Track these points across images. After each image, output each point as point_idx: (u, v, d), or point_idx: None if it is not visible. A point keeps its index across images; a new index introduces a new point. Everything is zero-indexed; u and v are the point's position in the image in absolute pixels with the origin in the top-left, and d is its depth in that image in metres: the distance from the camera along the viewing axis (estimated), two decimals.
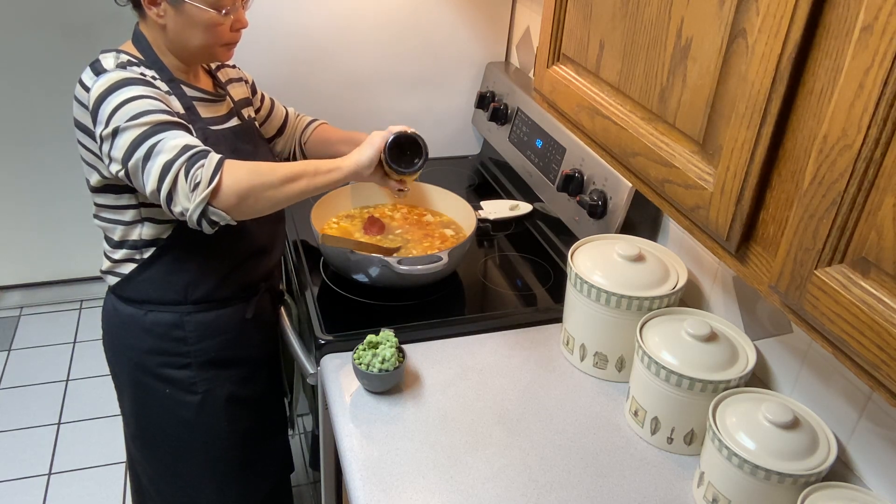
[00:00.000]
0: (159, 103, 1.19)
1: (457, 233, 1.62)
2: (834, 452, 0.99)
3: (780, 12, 0.67)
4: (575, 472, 1.13)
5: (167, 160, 1.14)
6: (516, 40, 2.04)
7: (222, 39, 1.28)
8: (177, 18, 1.23)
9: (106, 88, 1.18)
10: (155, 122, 1.16)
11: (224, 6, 1.23)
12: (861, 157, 0.60)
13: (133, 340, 1.39)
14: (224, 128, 1.35)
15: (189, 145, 1.16)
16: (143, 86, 1.20)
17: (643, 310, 1.24)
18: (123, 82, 1.18)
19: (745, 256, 0.79)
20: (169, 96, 1.26)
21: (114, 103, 1.16)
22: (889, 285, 0.61)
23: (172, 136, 1.16)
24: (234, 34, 1.30)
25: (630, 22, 0.94)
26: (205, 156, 1.16)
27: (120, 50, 1.27)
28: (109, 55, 1.25)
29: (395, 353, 1.25)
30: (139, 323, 1.37)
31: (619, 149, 0.98)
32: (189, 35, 1.25)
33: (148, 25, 1.28)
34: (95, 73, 1.21)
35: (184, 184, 1.14)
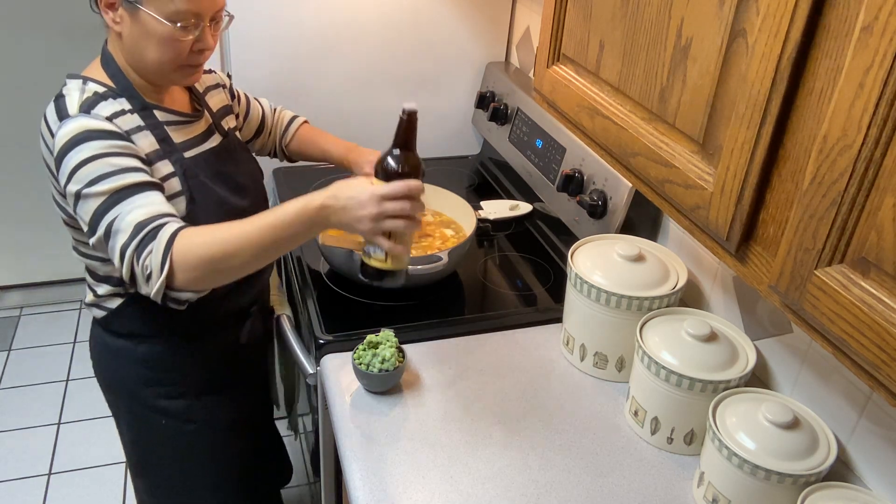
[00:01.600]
0: (122, 160, 1.09)
1: (457, 233, 1.62)
2: (834, 452, 0.99)
3: (780, 12, 0.67)
4: (575, 472, 1.13)
5: (122, 243, 1.07)
6: (516, 40, 2.05)
7: (180, 59, 1.15)
8: (132, 27, 1.12)
9: (67, 142, 1.09)
10: (113, 189, 1.07)
11: (181, 20, 1.10)
12: (861, 157, 0.60)
13: (125, 372, 1.34)
14: (203, 151, 1.26)
15: (141, 223, 1.07)
16: (105, 140, 1.09)
17: (643, 310, 1.24)
18: (84, 136, 1.08)
19: (745, 256, 0.79)
20: (140, 132, 1.16)
21: (74, 161, 1.08)
22: (889, 285, 0.61)
23: (129, 210, 1.07)
24: (194, 55, 1.16)
25: (630, 22, 0.94)
26: (154, 236, 1.06)
27: (87, 77, 1.17)
28: (75, 87, 1.15)
29: (395, 353, 1.25)
30: (131, 355, 1.32)
31: (619, 149, 0.98)
32: (144, 48, 1.13)
33: (113, 41, 1.18)
34: (59, 114, 1.12)
35: (139, 273, 1.07)
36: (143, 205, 1.09)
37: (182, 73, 1.19)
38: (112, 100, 1.15)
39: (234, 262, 1.08)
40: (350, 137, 2.03)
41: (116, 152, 1.10)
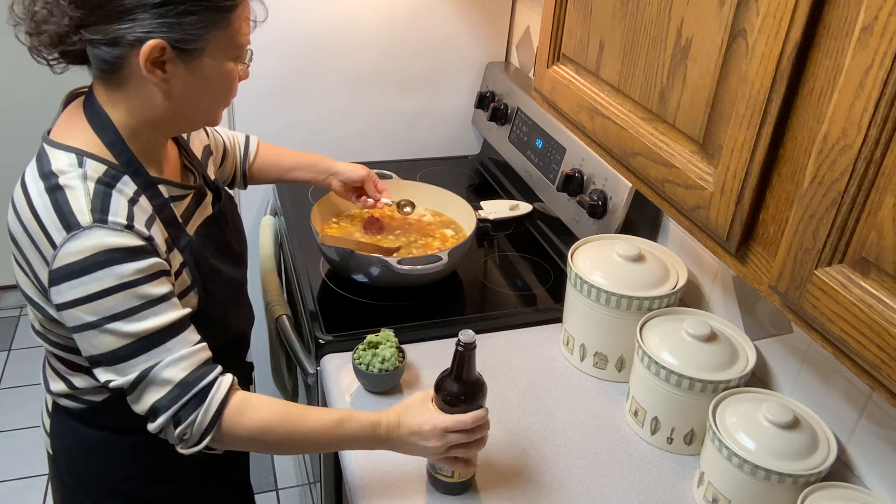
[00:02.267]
0: (152, 288, 0.92)
1: (457, 233, 1.62)
2: (834, 452, 0.99)
3: (780, 12, 0.67)
4: (575, 472, 1.13)
5: (157, 400, 0.93)
6: (516, 40, 2.05)
7: (232, 95, 1.02)
8: (188, 79, 0.94)
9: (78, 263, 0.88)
10: (145, 332, 0.91)
11: (244, 55, 0.99)
12: (861, 157, 0.60)
13: (103, 466, 1.13)
14: (203, 220, 1.11)
15: (185, 382, 0.93)
16: (130, 262, 0.90)
17: (643, 310, 1.24)
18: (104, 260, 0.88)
19: (745, 256, 0.79)
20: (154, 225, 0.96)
21: (89, 289, 0.89)
22: (889, 285, 0.61)
23: (167, 362, 0.93)
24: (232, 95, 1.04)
25: (630, 22, 0.94)
26: (201, 401, 0.94)
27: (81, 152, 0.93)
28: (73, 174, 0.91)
29: (395, 353, 1.25)
30: (113, 447, 1.11)
31: (619, 149, 0.98)
32: (199, 98, 0.97)
33: (120, 98, 0.95)
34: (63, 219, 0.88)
35: (173, 435, 0.95)
36: (184, 355, 0.94)
37: (219, 116, 1.06)
38: (118, 185, 0.94)
39: (281, 448, 1.02)
40: (350, 137, 2.04)
41: (145, 278, 0.91)
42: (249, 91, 1.88)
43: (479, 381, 1.03)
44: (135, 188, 0.96)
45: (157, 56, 0.90)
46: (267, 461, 2.35)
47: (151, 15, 0.88)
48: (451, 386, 1.01)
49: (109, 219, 0.90)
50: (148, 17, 0.88)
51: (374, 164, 1.96)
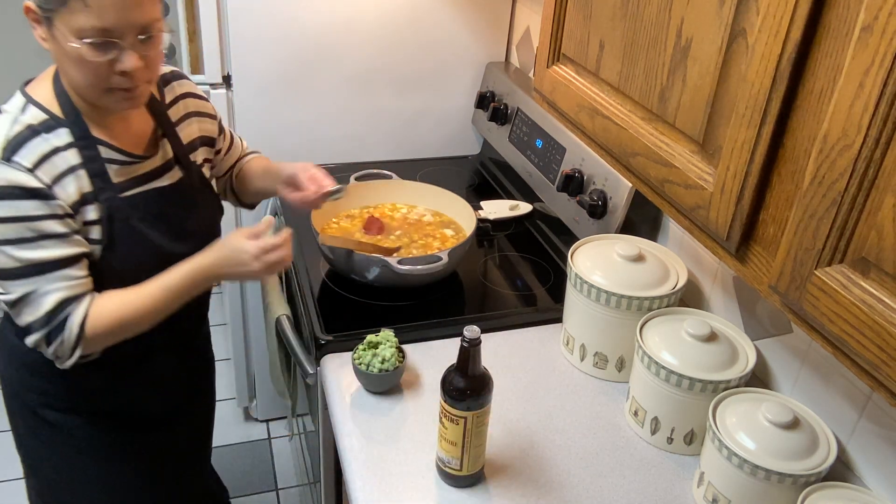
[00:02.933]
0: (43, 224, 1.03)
1: (457, 233, 1.62)
2: (834, 452, 0.99)
3: (780, 12, 0.67)
4: (575, 472, 1.13)
5: (31, 321, 1.07)
6: (516, 40, 2.05)
7: (102, 83, 1.04)
8: (53, 45, 1.03)
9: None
10: (30, 262, 1.04)
11: (88, 37, 0.99)
12: (861, 157, 0.60)
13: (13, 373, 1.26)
14: (147, 190, 1.17)
15: (53, 311, 1.06)
16: (23, 200, 1.02)
17: (643, 310, 1.24)
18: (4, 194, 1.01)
19: (745, 256, 0.79)
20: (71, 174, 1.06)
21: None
22: (889, 285, 0.61)
23: (44, 290, 1.06)
24: (119, 78, 1.04)
25: (630, 22, 0.94)
26: (62, 327, 1.07)
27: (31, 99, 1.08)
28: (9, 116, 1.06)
29: (395, 353, 1.25)
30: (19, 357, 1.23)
31: (619, 149, 0.98)
32: (66, 69, 1.05)
33: None
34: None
35: (48, 353, 1.10)
36: (59, 288, 1.07)
37: (113, 98, 1.07)
38: (46, 134, 1.06)
39: (139, 327, 1.14)
40: (350, 137, 2.04)
41: (41, 216, 1.04)
42: (249, 91, 1.88)
43: (484, 375, 1.04)
44: (68, 140, 1.07)
45: (31, 14, 1.02)
46: (267, 462, 2.35)
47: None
48: (457, 381, 1.02)
49: (15, 158, 1.02)
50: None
51: (374, 164, 1.96)
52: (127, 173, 1.15)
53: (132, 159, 1.15)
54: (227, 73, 1.87)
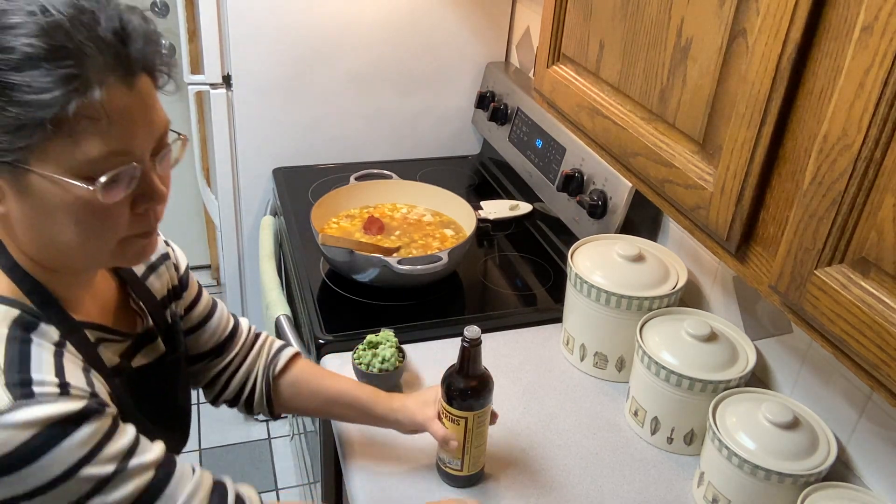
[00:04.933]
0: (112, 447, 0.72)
1: (457, 233, 1.62)
2: (834, 452, 0.99)
3: (780, 12, 0.67)
4: (575, 472, 1.13)
5: None
6: (516, 40, 2.05)
7: (120, 231, 0.73)
8: (22, 203, 0.69)
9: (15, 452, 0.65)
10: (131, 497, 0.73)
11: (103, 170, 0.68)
12: (861, 157, 0.60)
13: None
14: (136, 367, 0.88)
15: None
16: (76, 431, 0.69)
17: (643, 310, 1.24)
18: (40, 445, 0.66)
19: (745, 256, 0.79)
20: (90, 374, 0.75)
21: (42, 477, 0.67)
22: (889, 285, 0.61)
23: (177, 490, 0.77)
24: (141, 220, 0.75)
25: (630, 22, 0.94)
26: None
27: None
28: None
29: (395, 353, 1.25)
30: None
31: (619, 149, 0.98)
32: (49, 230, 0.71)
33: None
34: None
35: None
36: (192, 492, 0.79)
37: (130, 252, 0.77)
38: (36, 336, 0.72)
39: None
40: (350, 137, 2.04)
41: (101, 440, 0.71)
42: (249, 91, 1.88)
43: (485, 375, 1.04)
44: (57, 337, 0.74)
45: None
46: (267, 462, 2.35)
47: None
48: (458, 382, 1.02)
49: (35, 389, 0.67)
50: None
51: (374, 164, 1.96)
52: (113, 354, 0.85)
53: (118, 337, 0.86)
54: (227, 73, 1.87)
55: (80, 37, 0.65)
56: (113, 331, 0.86)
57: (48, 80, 0.63)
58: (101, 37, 0.66)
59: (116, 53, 0.67)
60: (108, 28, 0.67)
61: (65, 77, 0.64)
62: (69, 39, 0.64)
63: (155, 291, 0.95)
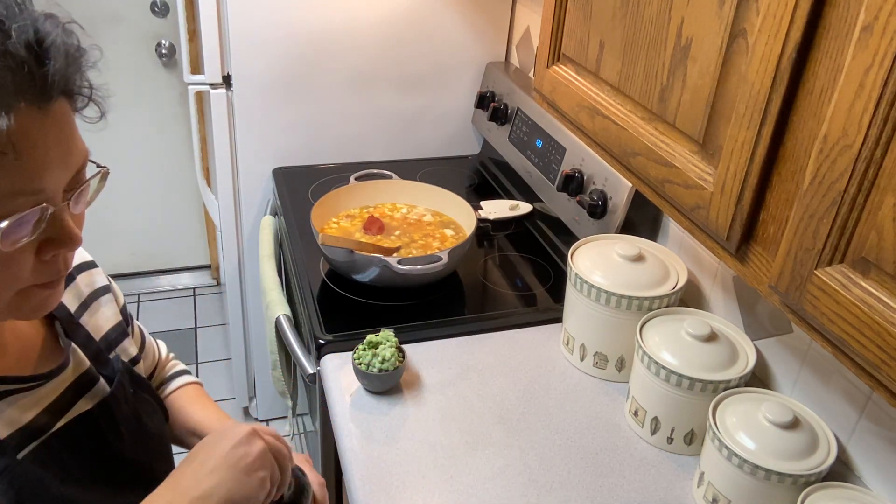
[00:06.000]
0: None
1: (457, 233, 1.62)
2: (834, 452, 0.99)
3: (780, 12, 0.67)
4: (575, 472, 1.13)
5: None
6: (516, 40, 2.05)
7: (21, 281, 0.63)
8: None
9: None
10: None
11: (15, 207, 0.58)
12: (861, 157, 0.60)
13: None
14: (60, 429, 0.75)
15: None
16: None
17: (643, 310, 1.24)
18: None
19: (745, 256, 0.79)
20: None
21: None
22: (889, 285, 0.61)
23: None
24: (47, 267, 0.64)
25: (630, 22, 0.94)
26: None
27: None
28: None
29: (395, 353, 1.25)
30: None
31: (619, 149, 0.98)
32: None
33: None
34: None
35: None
36: None
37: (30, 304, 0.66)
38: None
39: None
40: (350, 137, 2.04)
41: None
42: (249, 91, 1.88)
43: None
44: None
45: None
46: None
47: None
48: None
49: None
50: None
51: (374, 164, 1.96)
52: (24, 408, 0.72)
53: (28, 384, 0.73)
54: (227, 73, 1.87)
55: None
56: (29, 378, 0.73)
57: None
58: (11, 52, 0.54)
59: (30, 73, 0.55)
60: (21, 41, 0.55)
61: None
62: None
63: (93, 330, 0.83)
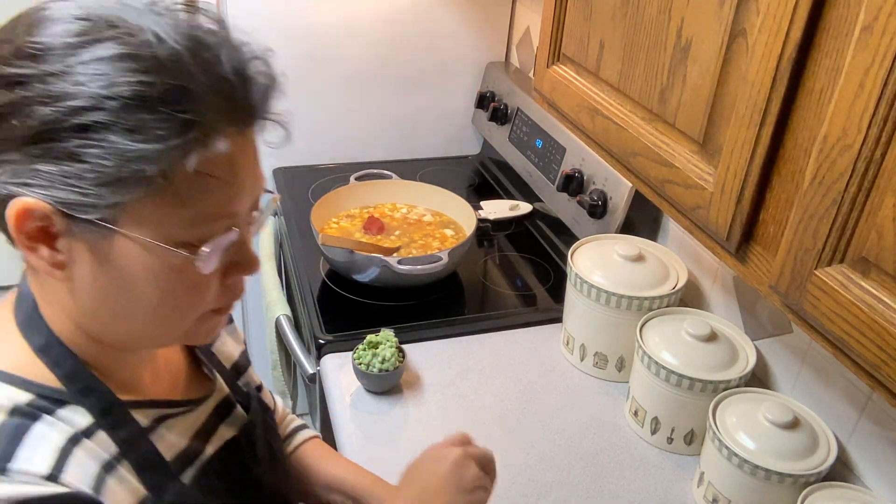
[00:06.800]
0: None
1: (457, 233, 1.62)
2: (834, 452, 0.99)
3: (780, 12, 0.67)
4: (575, 472, 1.13)
5: None
6: (516, 40, 2.04)
7: (206, 304, 0.64)
8: (98, 267, 0.58)
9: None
10: None
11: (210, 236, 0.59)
12: (861, 157, 0.60)
13: None
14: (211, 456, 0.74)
15: None
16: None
17: (643, 310, 1.24)
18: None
19: (745, 256, 0.79)
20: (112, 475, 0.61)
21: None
22: (889, 285, 0.61)
23: None
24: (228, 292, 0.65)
25: (630, 22, 0.94)
26: None
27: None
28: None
29: (395, 353, 1.25)
30: None
31: (619, 149, 0.98)
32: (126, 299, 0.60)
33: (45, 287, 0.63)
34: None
35: None
36: None
37: (205, 328, 0.67)
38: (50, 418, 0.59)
39: None
40: (350, 137, 2.04)
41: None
42: None
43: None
44: (87, 422, 0.61)
45: (41, 224, 0.55)
46: None
47: (23, 155, 0.53)
48: None
49: (13, 466, 0.54)
50: (18, 158, 0.53)
51: (374, 164, 1.96)
52: (181, 434, 0.72)
53: (181, 408, 0.73)
54: None
55: (202, 76, 0.55)
56: (181, 403, 0.73)
57: (163, 127, 0.52)
58: (224, 77, 0.57)
59: (237, 98, 0.58)
60: (230, 69, 0.58)
61: (183, 124, 0.53)
62: (190, 78, 0.54)
63: (223, 358, 0.84)
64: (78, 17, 0.54)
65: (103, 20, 0.54)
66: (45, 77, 0.52)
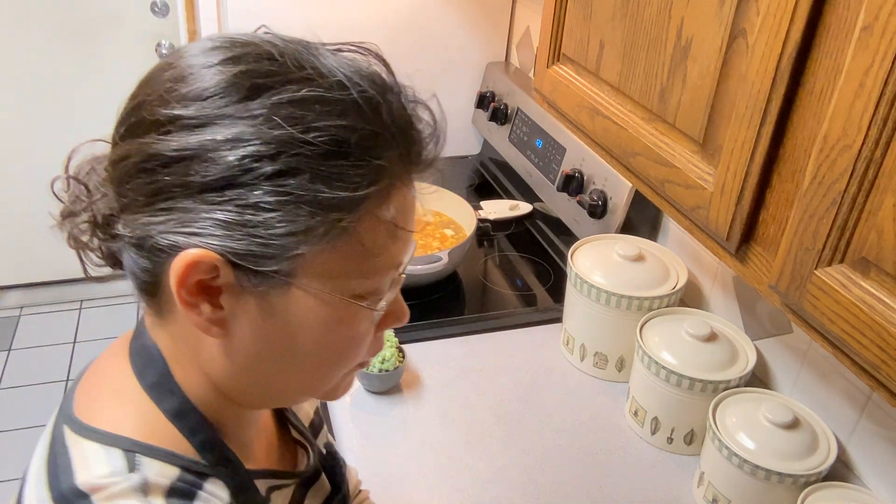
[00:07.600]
0: None
1: (457, 233, 1.62)
2: (834, 452, 0.99)
3: (780, 12, 0.67)
4: (575, 472, 1.13)
5: None
6: (516, 40, 2.04)
7: (357, 359, 0.60)
8: (261, 325, 0.53)
9: None
10: None
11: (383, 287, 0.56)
12: (861, 157, 0.60)
13: None
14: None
15: None
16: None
17: (643, 310, 1.24)
18: None
19: (745, 256, 0.79)
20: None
21: None
22: (889, 285, 0.60)
23: None
24: (376, 344, 0.61)
25: (630, 22, 0.94)
26: None
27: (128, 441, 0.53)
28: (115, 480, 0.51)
29: (395, 353, 1.25)
30: None
31: (619, 149, 0.98)
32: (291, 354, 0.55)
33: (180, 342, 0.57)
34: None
35: None
36: None
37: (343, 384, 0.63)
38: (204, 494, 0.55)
39: None
40: None
41: None
42: None
43: None
44: (227, 496, 0.57)
45: (203, 278, 0.50)
46: None
47: (197, 203, 0.49)
48: None
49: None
50: (190, 205, 0.49)
51: None
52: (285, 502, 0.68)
53: (289, 479, 0.69)
54: None
55: (390, 121, 0.53)
56: (281, 473, 0.68)
57: (359, 175, 0.49)
58: (409, 122, 0.56)
59: (418, 144, 0.57)
60: (408, 116, 0.57)
61: (377, 171, 0.50)
62: (382, 124, 0.52)
63: (301, 416, 0.78)
64: (266, 57, 0.51)
65: (291, 60, 0.51)
66: (233, 119, 0.48)
